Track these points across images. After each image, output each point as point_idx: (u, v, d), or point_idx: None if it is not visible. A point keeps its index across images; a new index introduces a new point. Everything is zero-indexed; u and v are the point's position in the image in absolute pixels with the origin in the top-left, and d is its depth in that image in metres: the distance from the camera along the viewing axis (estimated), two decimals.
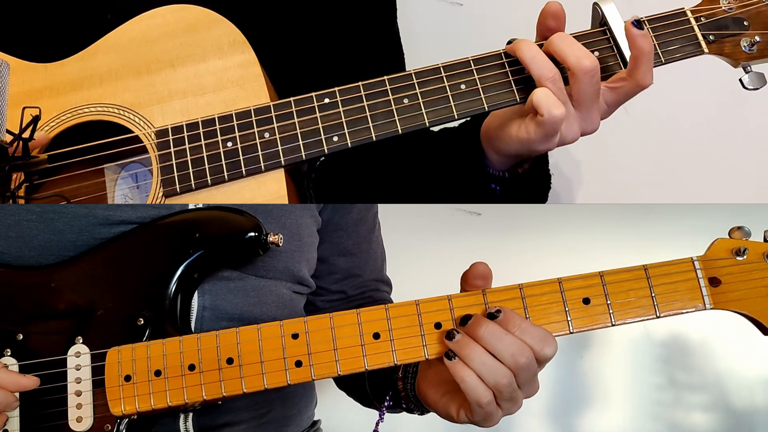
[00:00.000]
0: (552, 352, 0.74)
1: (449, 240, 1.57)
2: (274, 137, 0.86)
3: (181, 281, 0.82)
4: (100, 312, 0.81)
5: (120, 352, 0.78)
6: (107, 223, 0.84)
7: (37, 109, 0.81)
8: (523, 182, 0.97)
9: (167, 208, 0.85)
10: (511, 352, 0.73)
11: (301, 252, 0.95)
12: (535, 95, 0.83)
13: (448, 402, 0.79)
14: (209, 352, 0.77)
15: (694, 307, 0.77)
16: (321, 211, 1.01)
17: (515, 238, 1.57)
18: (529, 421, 1.51)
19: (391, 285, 1.14)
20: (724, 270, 0.78)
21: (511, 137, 0.89)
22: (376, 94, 0.86)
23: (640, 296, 0.77)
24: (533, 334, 0.74)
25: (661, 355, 1.56)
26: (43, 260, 0.83)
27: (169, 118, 0.87)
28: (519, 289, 0.77)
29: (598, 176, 1.52)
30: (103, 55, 0.91)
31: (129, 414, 0.77)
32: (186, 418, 0.84)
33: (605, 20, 0.87)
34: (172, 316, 0.82)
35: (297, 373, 0.76)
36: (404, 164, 1.03)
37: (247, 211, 0.85)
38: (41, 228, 0.83)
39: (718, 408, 1.55)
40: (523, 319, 0.75)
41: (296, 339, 0.77)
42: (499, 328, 0.74)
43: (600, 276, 0.77)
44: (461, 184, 0.98)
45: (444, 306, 0.77)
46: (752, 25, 0.88)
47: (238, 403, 0.87)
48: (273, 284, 0.92)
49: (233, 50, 0.89)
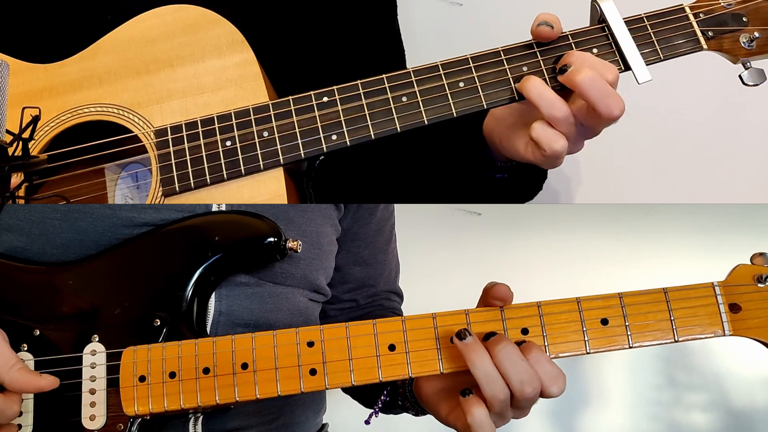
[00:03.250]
0: (558, 392, 0.73)
1: (449, 240, 1.58)
2: (273, 136, 0.86)
3: (199, 284, 0.83)
4: (116, 311, 0.82)
5: (135, 352, 0.78)
6: (131, 225, 0.84)
7: (36, 110, 0.81)
8: (527, 167, 0.97)
9: (190, 210, 0.85)
10: (520, 378, 0.72)
11: (319, 260, 0.95)
12: (534, 131, 0.83)
13: (440, 401, 0.79)
14: (224, 356, 0.77)
15: (713, 332, 0.76)
16: (341, 220, 1.01)
17: (515, 238, 1.57)
18: (529, 421, 1.50)
19: (402, 296, 1.13)
20: (744, 297, 0.76)
21: (518, 153, 0.89)
22: (375, 93, 0.86)
23: (659, 319, 0.76)
24: (547, 369, 0.73)
25: (661, 354, 1.56)
26: (64, 258, 0.84)
27: (169, 118, 0.88)
28: (537, 306, 0.77)
29: (598, 176, 1.52)
30: (102, 55, 0.91)
31: (142, 414, 0.77)
32: (195, 421, 0.84)
33: (604, 17, 0.87)
34: (189, 318, 0.82)
35: (311, 381, 0.76)
36: (404, 162, 1.03)
37: (267, 216, 0.85)
38: (65, 227, 0.84)
39: (718, 408, 1.55)
40: (543, 353, 0.74)
41: (311, 347, 0.77)
42: (517, 351, 0.73)
43: (619, 297, 0.77)
44: (467, 178, 0.98)
45: (461, 321, 0.77)
46: (751, 20, 0.88)
47: (248, 409, 0.87)
48: (290, 291, 0.91)
49: (232, 50, 0.89)
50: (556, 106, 0.82)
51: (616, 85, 0.82)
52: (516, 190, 1.02)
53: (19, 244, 0.84)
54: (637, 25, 0.87)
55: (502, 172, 0.97)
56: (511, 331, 0.76)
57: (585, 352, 0.76)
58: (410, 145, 1.00)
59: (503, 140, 0.91)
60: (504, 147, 0.92)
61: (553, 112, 0.82)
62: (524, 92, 0.84)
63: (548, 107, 0.82)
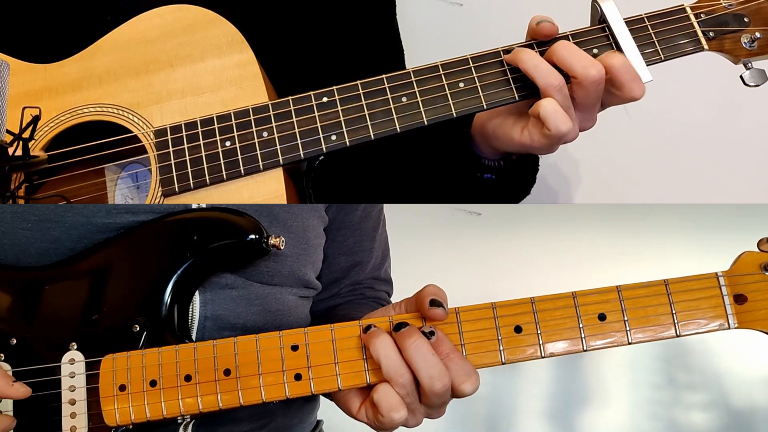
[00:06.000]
0: (471, 390, 0.72)
1: (449, 240, 1.58)
2: (273, 136, 0.85)
3: (178, 286, 0.79)
4: (94, 317, 0.78)
5: (114, 360, 0.76)
6: (106, 230, 0.82)
7: (37, 110, 0.81)
8: (517, 167, 0.97)
9: (168, 210, 0.83)
10: (430, 373, 0.70)
11: (307, 255, 0.93)
12: (543, 108, 0.82)
13: (350, 399, 0.77)
14: (206, 363, 0.74)
15: (717, 326, 0.72)
16: (327, 209, 1.00)
17: (515, 237, 1.58)
18: (529, 421, 1.51)
19: (390, 282, 1.12)
20: (751, 286, 0.72)
21: (512, 140, 0.88)
22: (375, 93, 0.86)
23: (659, 313, 0.72)
24: (459, 365, 0.71)
25: (661, 354, 1.56)
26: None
27: (168, 118, 0.87)
28: (531, 303, 0.73)
29: (597, 176, 1.52)
30: (102, 55, 0.91)
31: (124, 425, 0.75)
32: (186, 428, 0.81)
33: (604, 17, 0.87)
34: (169, 322, 0.79)
35: (296, 386, 0.73)
36: (402, 162, 1.03)
37: (247, 213, 0.82)
38: (37, 237, 0.81)
39: (718, 407, 1.55)
40: (454, 349, 0.72)
41: (296, 351, 0.74)
42: (428, 346, 0.71)
43: (617, 290, 0.73)
44: (456, 177, 0.97)
45: (451, 319, 0.74)
46: (752, 21, 0.87)
47: (240, 414, 0.85)
48: (278, 291, 0.89)
49: (231, 50, 0.89)
50: (551, 74, 0.83)
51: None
52: (504, 191, 1.01)
53: None
54: (638, 25, 0.87)
55: (489, 172, 0.97)
56: (504, 329, 0.73)
57: (582, 350, 0.73)
58: (407, 146, 1.00)
59: (496, 129, 0.91)
60: (497, 136, 0.91)
61: (548, 80, 0.82)
62: (518, 63, 0.85)
63: (543, 75, 0.83)
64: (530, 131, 0.86)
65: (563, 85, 0.83)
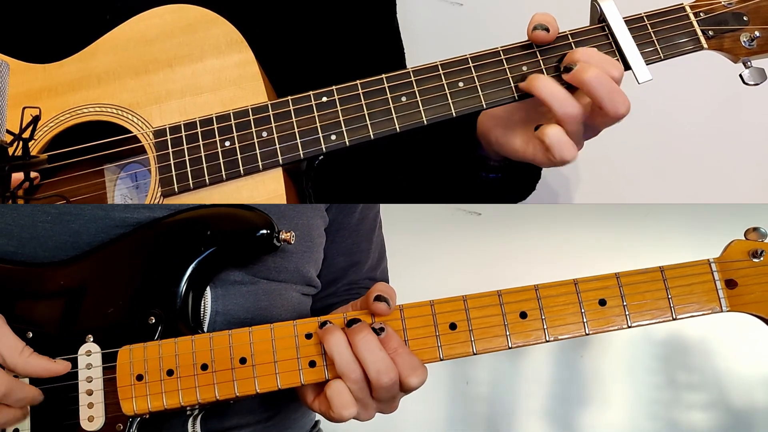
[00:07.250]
0: (418, 383, 0.75)
1: (449, 240, 1.57)
2: (272, 136, 0.85)
3: (192, 279, 0.82)
4: (110, 310, 0.81)
5: (131, 351, 0.78)
6: (124, 225, 0.83)
7: (37, 110, 0.81)
8: (522, 165, 0.97)
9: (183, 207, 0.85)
10: (377, 368, 0.73)
11: (310, 253, 0.95)
12: (548, 138, 0.82)
13: (308, 389, 0.79)
14: (222, 352, 0.77)
15: (710, 309, 0.77)
16: (328, 210, 1.01)
17: (515, 237, 1.57)
18: (529, 421, 1.51)
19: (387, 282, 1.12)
20: (740, 272, 0.77)
21: (516, 151, 0.89)
22: (374, 93, 0.86)
23: (656, 298, 0.76)
24: (406, 360, 0.75)
25: (661, 354, 1.56)
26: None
27: (167, 118, 0.87)
28: (535, 289, 0.77)
29: (597, 176, 1.52)
30: (101, 55, 0.91)
31: (141, 413, 0.77)
32: (194, 421, 0.83)
33: (604, 17, 0.87)
34: (184, 314, 0.81)
35: (311, 373, 0.76)
36: (403, 161, 1.03)
37: (258, 208, 0.84)
38: (57, 230, 0.83)
39: (718, 407, 1.55)
40: (402, 344, 0.75)
41: (309, 339, 0.77)
42: (376, 341, 0.74)
43: (616, 277, 0.77)
44: (461, 178, 0.97)
45: (459, 306, 0.77)
46: (752, 20, 0.87)
47: (245, 406, 0.87)
48: (283, 287, 0.91)
49: (231, 49, 0.89)
50: (569, 104, 0.82)
51: (620, 82, 0.82)
52: (509, 190, 1.02)
53: (9, 249, 0.83)
54: (638, 24, 0.87)
55: (495, 171, 0.97)
56: (510, 315, 0.77)
57: (584, 334, 0.76)
58: (408, 145, 1.00)
59: (499, 138, 0.91)
60: (500, 145, 0.91)
61: (566, 110, 0.81)
62: (533, 91, 0.83)
63: (560, 105, 0.81)
64: (534, 149, 0.86)
65: (580, 120, 0.82)
